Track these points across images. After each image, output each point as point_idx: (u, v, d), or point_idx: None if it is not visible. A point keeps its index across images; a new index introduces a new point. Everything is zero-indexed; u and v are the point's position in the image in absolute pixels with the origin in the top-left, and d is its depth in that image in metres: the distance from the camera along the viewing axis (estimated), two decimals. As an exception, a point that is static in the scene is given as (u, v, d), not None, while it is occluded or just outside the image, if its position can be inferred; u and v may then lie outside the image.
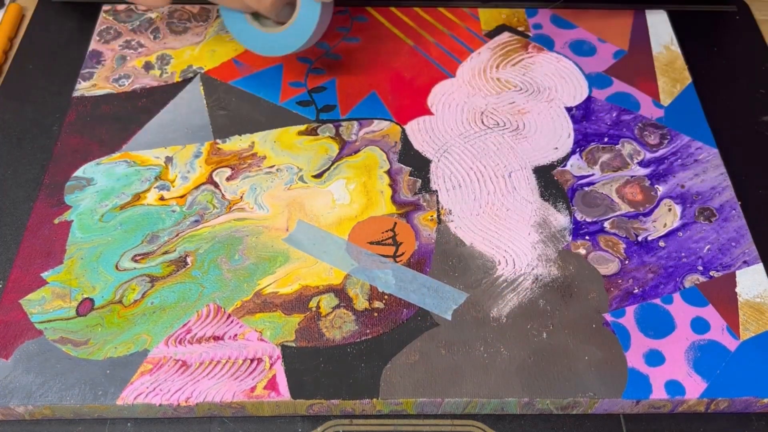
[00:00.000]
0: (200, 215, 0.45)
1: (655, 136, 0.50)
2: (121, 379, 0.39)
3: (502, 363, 0.40)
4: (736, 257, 0.44)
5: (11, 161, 0.49)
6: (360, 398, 0.39)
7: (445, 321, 0.41)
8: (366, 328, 0.41)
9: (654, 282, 0.43)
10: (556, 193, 0.47)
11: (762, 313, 0.42)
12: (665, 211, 0.46)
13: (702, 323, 0.42)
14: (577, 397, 0.39)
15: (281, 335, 0.41)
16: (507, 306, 0.42)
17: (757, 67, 0.57)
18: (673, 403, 0.39)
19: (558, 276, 0.43)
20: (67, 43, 0.57)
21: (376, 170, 0.48)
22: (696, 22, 0.53)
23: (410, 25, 0.57)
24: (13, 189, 0.48)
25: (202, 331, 0.41)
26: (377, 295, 0.42)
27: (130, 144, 0.49)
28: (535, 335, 0.41)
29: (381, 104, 0.52)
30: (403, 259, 0.44)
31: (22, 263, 0.43)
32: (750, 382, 0.39)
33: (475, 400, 0.39)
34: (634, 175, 0.48)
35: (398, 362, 0.40)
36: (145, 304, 0.42)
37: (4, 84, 0.54)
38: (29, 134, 0.51)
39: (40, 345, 0.40)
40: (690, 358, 0.40)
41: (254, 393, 0.38)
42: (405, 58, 0.55)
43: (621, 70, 0.54)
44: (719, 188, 0.48)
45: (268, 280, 0.43)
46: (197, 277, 0.43)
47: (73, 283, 0.42)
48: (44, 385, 0.39)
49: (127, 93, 0.52)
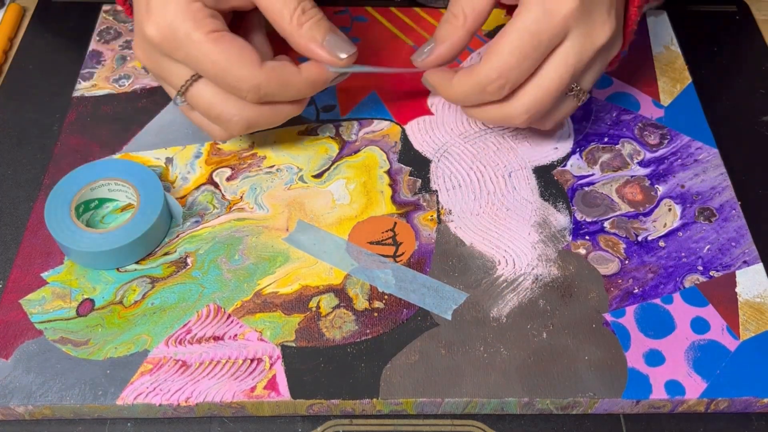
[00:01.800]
0: (201, 216, 0.45)
1: (655, 136, 0.50)
2: (121, 379, 0.39)
3: (502, 363, 0.40)
4: (736, 257, 0.44)
5: (11, 161, 0.49)
6: (360, 398, 0.39)
7: (445, 321, 0.41)
8: (366, 328, 0.41)
9: (654, 282, 0.43)
10: (556, 193, 0.47)
11: (762, 313, 0.42)
12: (665, 211, 0.46)
13: (702, 323, 0.42)
14: (577, 397, 0.39)
15: (281, 335, 0.41)
16: (507, 306, 0.42)
17: (757, 67, 0.57)
18: (673, 403, 0.39)
19: (558, 276, 0.43)
20: (67, 43, 0.57)
21: (376, 170, 0.48)
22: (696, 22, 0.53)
23: (410, 25, 0.57)
24: (13, 189, 0.48)
25: (202, 332, 0.41)
26: (377, 295, 0.42)
27: (131, 145, 0.49)
28: (535, 335, 0.41)
29: (381, 104, 0.52)
30: (403, 259, 0.44)
31: (22, 263, 0.43)
32: (750, 382, 0.39)
33: (475, 400, 0.39)
34: (634, 175, 0.48)
35: (398, 362, 0.40)
36: (145, 304, 0.42)
37: (4, 84, 0.54)
38: (29, 134, 0.51)
39: (40, 345, 0.40)
40: (690, 358, 0.40)
41: (254, 393, 0.39)
42: (405, 58, 0.55)
43: (621, 70, 0.54)
44: (719, 188, 0.48)
45: (268, 280, 0.43)
46: (197, 278, 0.43)
47: (74, 284, 0.42)
48: (44, 385, 0.39)
49: (128, 93, 0.52)
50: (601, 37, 0.41)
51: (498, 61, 0.40)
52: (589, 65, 0.42)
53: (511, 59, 0.40)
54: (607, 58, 0.43)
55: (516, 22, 0.40)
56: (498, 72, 0.41)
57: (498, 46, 0.41)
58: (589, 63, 0.42)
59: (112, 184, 0.45)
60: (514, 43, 0.40)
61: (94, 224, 0.45)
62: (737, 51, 0.58)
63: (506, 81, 0.41)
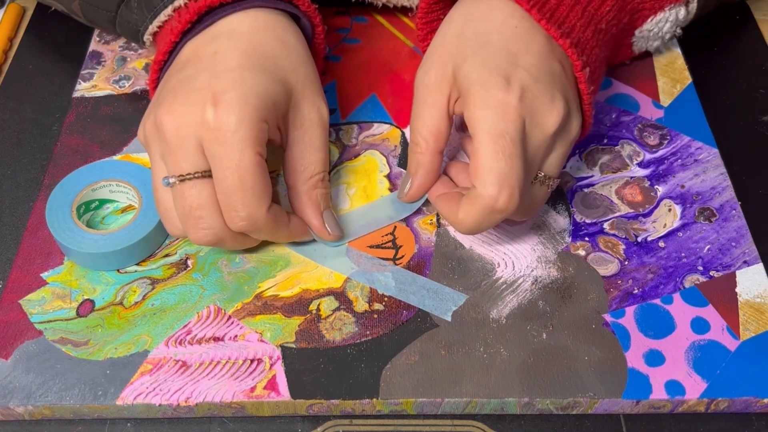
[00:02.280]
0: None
1: (654, 137, 0.50)
2: (121, 379, 0.39)
3: (502, 363, 0.40)
4: (736, 257, 0.44)
5: (11, 161, 0.49)
6: (360, 398, 0.39)
7: (444, 322, 0.41)
8: (366, 329, 0.41)
9: (654, 282, 0.43)
10: (555, 195, 0.47)
11: (762, 313, 0.42)
12: (665, 212, 0.46)
13: (702, 323, 0.42)
14: (577, 397, 0.39)
15: (281, 337, 0.41)
16: (507, 307, 0.42)
17: (757, 67, 0.57)
18: (673, 403, 0.39)
19: (558, 277, 0.43)
20: (67, 43, 0.57)
21: (376, 174, 0.48)
22: (696, 22, 0.53)
23: (410, 26, 0.57)
24: (13, 189, 0.48)
25: (203, 332, 0.41)
26: (377, 298, 0.42)
27: (131, 146, 0.49)
28: (534, 336, 0.41)
29: (381, 107, 0.52)
30: (402, 262, 0.44)
31: (22, 263, 0.43)
32: (750, 382, 0.39)
33: (475, 400, 0.39)
34: (634, 176, 0.48)
35: (398, 363, 0.40)
36: (145, 305, 0.42)
37: (4, 84, 0.54)
38: (29, 134, 0.51)
39: (40, 345, 0.40)
40: (690, 358, 0.40)
41: (254, 393, 0.39)
42: (405, 59, 0.55)
43: (620, 71, 0.54)
44: (719, 188, 0.48)
45: (269, 283, 0.43)
46: (198, 279, 0.43)
47: (74, 284, 0.42)
48: (44, 385, 0.39)
49: (128, 95, 0.52)
50: (550, 122, 0.39)
51: (489, 176, 0.38)
52: (547, 152, 0.41)
53: (499, 165, 0.38)
54: (567, 142, 0.41)
55: (479, 135, 0.38)
56: (497, 186, 0.38)
57: (478, 162, 0.38)
58: (546, 150, 0.40)
59: (113, 185, 0.45)
60: (491, 151, 0.38)
61: (94, 225, 0.45)
62: (737, 51, 0.58)
63: (510, 187, 0.38)
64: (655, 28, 0.48)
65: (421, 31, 0.48)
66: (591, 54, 0.42)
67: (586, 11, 0.43)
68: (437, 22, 0.47)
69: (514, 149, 0.38)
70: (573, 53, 0.41)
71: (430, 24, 0.48)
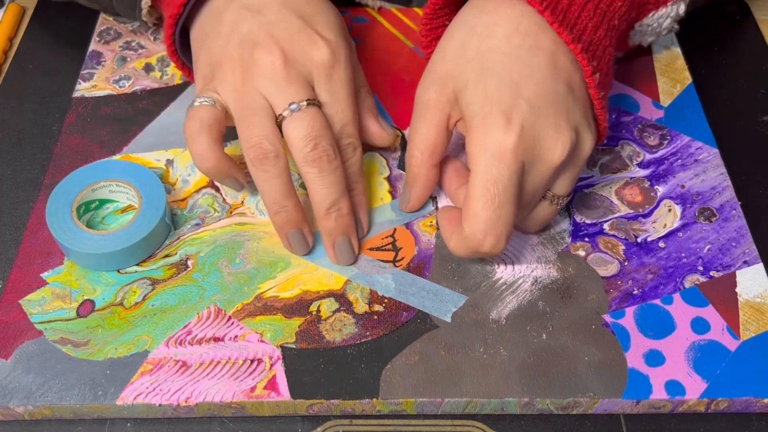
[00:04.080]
0: (201, 218, 0.46)
1: (654, 137, 0.50)
2: (121, 379, 0.39)
3: (502, 363, 0.40)
4: (736, 257, 0.44)
5: (11, 161, 0.49)
6: (360, 398, 0.39)
7: (444, 323, 0.41)
8: (366, 330, 0.41)
9: (654, 283, 0.43)
10: (555, 194, 0.47)
11: (762, 313, 0.42)
12: (665, 212, 0.46)
13: (702, 323, 0.42)
14: (577, 397, 0.39)
15: (281, 337, 0.41)
16: (506, 308, 0.42)
17: (757, 67, 0.57)
18: (673, 404, 0.39)
19: (557, 278, 0.43)
20: (67, 43, 0.57)
21: (376, 176, 0.48)
22: (696, 22, 0.53)
23: (410, 26, 0.57)
24: (13, 189, 0.48)
25: (203, 333, 0.41)
26: (377, 299, 0.42)
27: (131, 146, 0.49)
28: (534, 336, 0.41)
29: (381, 109, 0.52)
30: (402, 264, 0.44)
31: (22, 263, 0.43)
32: (750, 382, 0.39)
33: (475, 400, 0.39)
34: (634, 177, 0.48)
35: (398, 363, 0.40)
36: (146, 306, 0.42)
37: (4, 84, 0.54)
38: (29, 134, 0.51)
39: (40, 345, 0.40)
40: (690, 359, 0.40)
41: (254, 393, 0.39)
42: (405, 60, 0.55)
43: (620, 71, 0.54)
44: (719, 188, 0.48)
45: (269, 284, 0.43)
46: (198, 280, 0.43)
47: (74, 285, 0.42)
48: (44, 386, 0.39)
49: (128, 95, 0.52)
50: (555, 155, 0.39)
51: (476, 222, 0.38)
52: (554, 178, 0.41)
53: (487, 213, 0.38)
54: (578, 163, 0.41)
55: (473, 178, 0.38)
56: (483, 232, 0.38)
57: (469, 204, 0.38)
58: (553, 177, 0.40)
59: (113, 186, 0.45)
60: (482, 198, 0.38)
61: (94, 225, 0.45)
62: (737, 51, 0.58)
63: (496, 235, 0.38)
64: (654, 23, 0.48)
65: (425, 38, 0.48)
66: (603, 55, 0.42)
67: (599, 8, 0.42)
68: (442, 29, 0.46)
69: (504, 198, 0.38)
70: (583, 59, 0.40)
71: (435, 31, 0.47)
